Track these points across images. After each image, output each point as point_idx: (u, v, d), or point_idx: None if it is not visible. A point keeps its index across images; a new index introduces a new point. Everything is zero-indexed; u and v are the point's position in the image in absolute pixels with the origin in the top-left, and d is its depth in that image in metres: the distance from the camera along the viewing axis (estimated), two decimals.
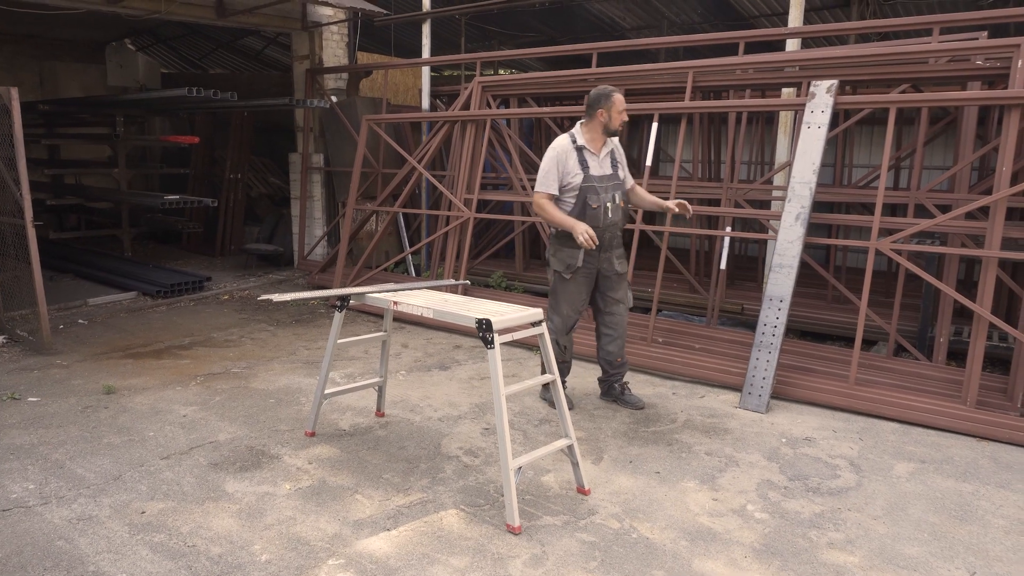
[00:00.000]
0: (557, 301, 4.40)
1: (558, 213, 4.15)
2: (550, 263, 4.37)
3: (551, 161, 4.18)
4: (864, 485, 3.58)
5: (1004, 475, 3.73)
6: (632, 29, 11.00)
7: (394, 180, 7.76)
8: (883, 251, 4.80)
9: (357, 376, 5.09)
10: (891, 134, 4.87)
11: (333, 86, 9.39)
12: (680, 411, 4.56)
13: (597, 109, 4.17)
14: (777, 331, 4.74)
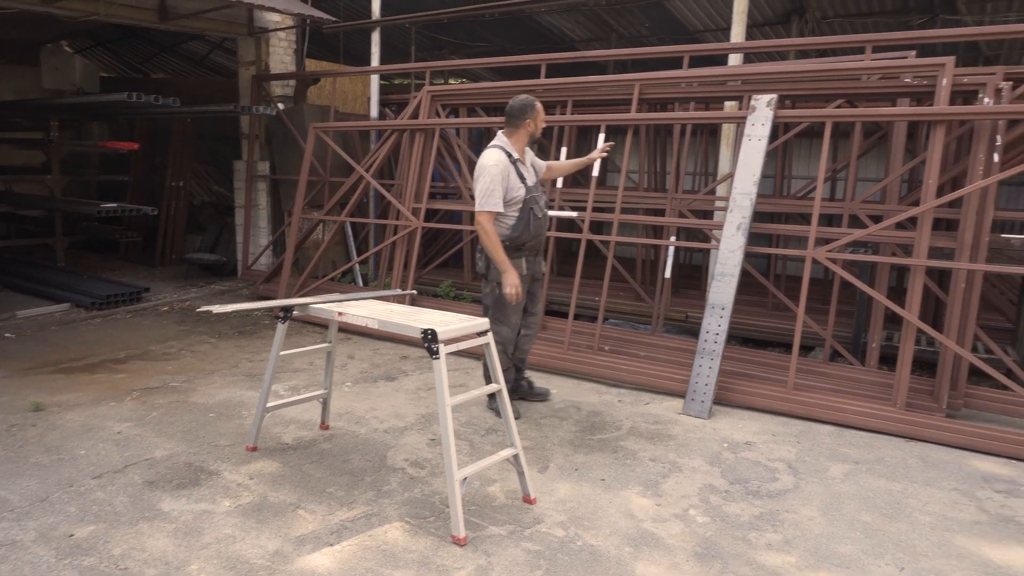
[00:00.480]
0: (504, 312, 4.39)
1: (500, 247, 4.17)
2: (489, 276, 4.33)
3: (495, 178, 4.13)
4: (801, 487, 3.68)
5: (930, 473, 3.88)
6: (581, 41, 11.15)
7: (342, 189, 7.67)
8: (819, 260, 4.96)
9: (301, 388, 5.02)
10: (827, 147, 5.04)
11: (280, 93, 9.26)
12: (625, 418, 4.61)
13: (525, 119, 4.22)
14: (719, 338, 4.84)
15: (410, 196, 6.99)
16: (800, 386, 4.93)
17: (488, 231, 4.16)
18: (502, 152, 4.22)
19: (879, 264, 5.39)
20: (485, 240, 4.17)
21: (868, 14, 8.90)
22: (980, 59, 9.58)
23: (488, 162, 4.17)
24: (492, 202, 4.14)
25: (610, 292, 7.19)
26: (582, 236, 5.96)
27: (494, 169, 4.14)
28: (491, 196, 4.13)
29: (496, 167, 4.15)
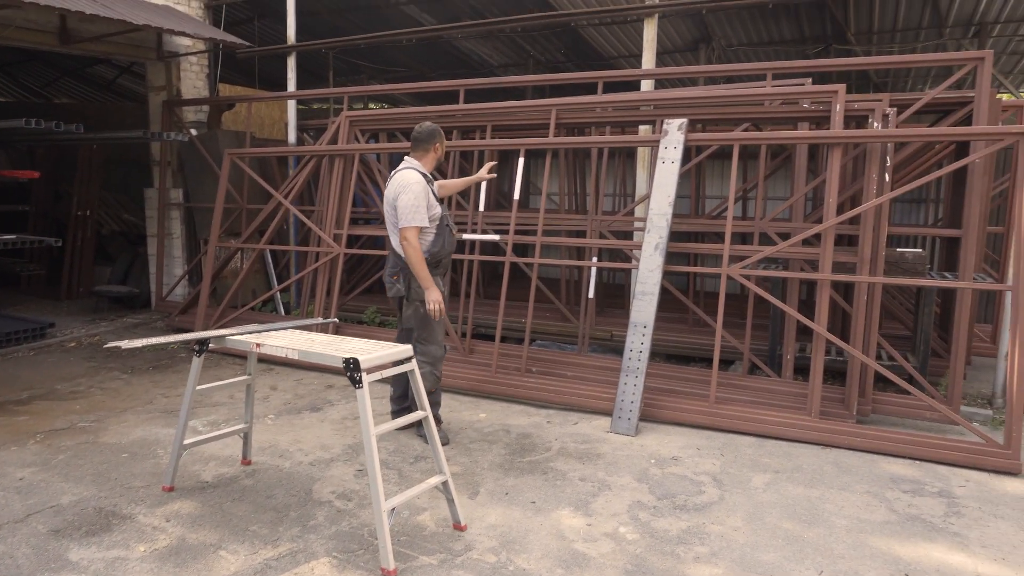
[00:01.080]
0: (431, 331, 4.41)
1: (425, 264, 4.23)
2: (416, 295, 4.34)
3: (419, 195, 4.20)
4: (726, 499, 3.77)
5: (845, 478, 4.05)
6: (500, 66, 11.30)
7: (260, 216, 7.47)
8: (734, 276, 5.13)
9: (221, 423, 4.84)
10: (735, 168, 5.25)
11: (193, 119, 8.98)
12: (554, 439, 4.62)
13: (434, 143, 4.39)
14: (643, 356, 4.93)
15: (331, 222, 6.87)
16: (722, 400, 5.07)
17: (417, 247, 4.18)
18: (417, 172, 4.31)
19: (789, 279, 5.63)
20: (413, 256, 4.18)
21: (768, 43, 9.38)
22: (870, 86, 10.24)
23: (410, 179, 4.24)
24: (419, 217, 4.18)
25: (536, 313, 7.24)
26: (506, 259, 5.98)
27: (417, 186, 4.21)
28: (417, 211, 4.18)
29: (419, 184, 4.23)
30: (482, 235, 6.40)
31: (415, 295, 4.34)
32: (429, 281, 4.22)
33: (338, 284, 6.78)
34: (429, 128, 4.38)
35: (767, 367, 5.71)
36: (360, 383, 3.07)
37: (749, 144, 7.05)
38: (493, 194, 9.44)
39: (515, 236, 6.04)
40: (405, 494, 3.17)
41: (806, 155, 5.94)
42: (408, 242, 4.18)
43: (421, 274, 4.21)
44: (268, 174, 9.16)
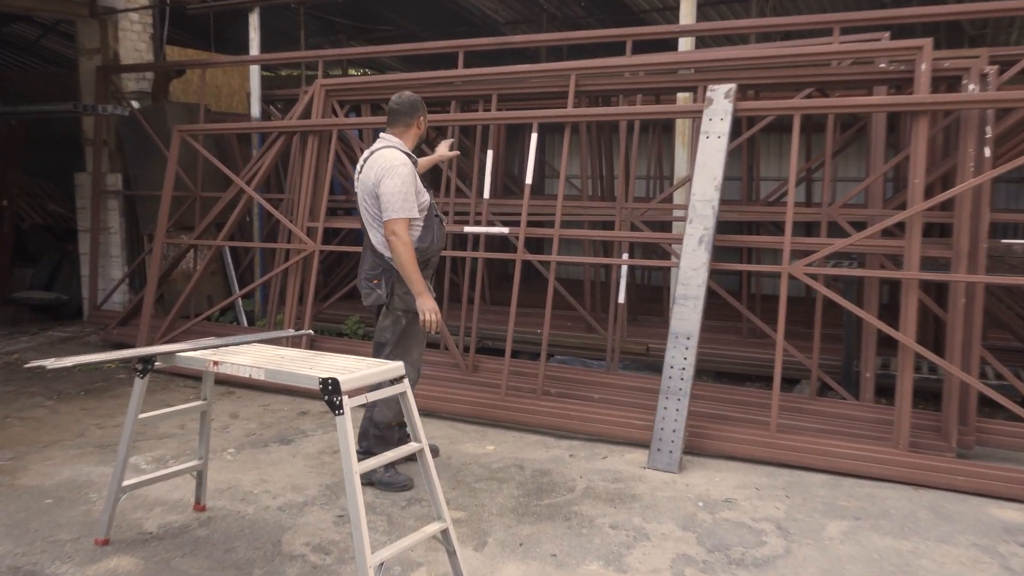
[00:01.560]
0: (408, 347, 4.38)
1: (417, 265, 4.20)
2: (398, 303, 4.31)
3: (407, 179, 4.17)
4: (794, 551, 3.69)
5: (944, 527, 3.96)
6: (507, 24, 11.28)
7: (217, 206, 7.45)
8: (796, 276, 5.05)
9: (169, 459, 4.80)
10: (797, 143, 5.19)
11: (134, 88, 8.99)
12: (579, 477, 4.56)
13: (416, 117, 4.39)
14: (686, 374, 4.87)
15: (303, 213, 6.85)
16: (785, 428, 4.99)
17: (409, 243, 4.16)
18: (401, 153, 4.28)
19: (866, 279, 5.55)
20: (404, 255, 4.14)
21: None
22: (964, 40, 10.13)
23: (395, 160, 4.20)
24: (409, 207, 4.17)
25: (555, 322, 7.18)
26: (516, 256, 5.92)
27: (404, 169, 4.18)
28: (407, 200, 4.16)
29: (406, 167, 4.20)
30: (488, 227, 6.35)
31: (399, 303, 4.31)
32: (422, 286, 4.21)
33: (313, 288, 6.75)
34: (410, 98, 4.37)
35: (841, 387, 5.63)
36: (341, 409, 3.02)
37: (813, 114, 6.99)
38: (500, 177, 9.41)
39: (528, 228, 6.00)
40: (396, 545, 3.12)
41: (884, 126, 5.86)
42: (398, 237, 4.14)
43: (413, 277, 4.18)
44: (227, 155, 9.15)
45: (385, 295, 4.34)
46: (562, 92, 6.40)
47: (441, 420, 5.59)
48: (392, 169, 4.16)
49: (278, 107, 9.49)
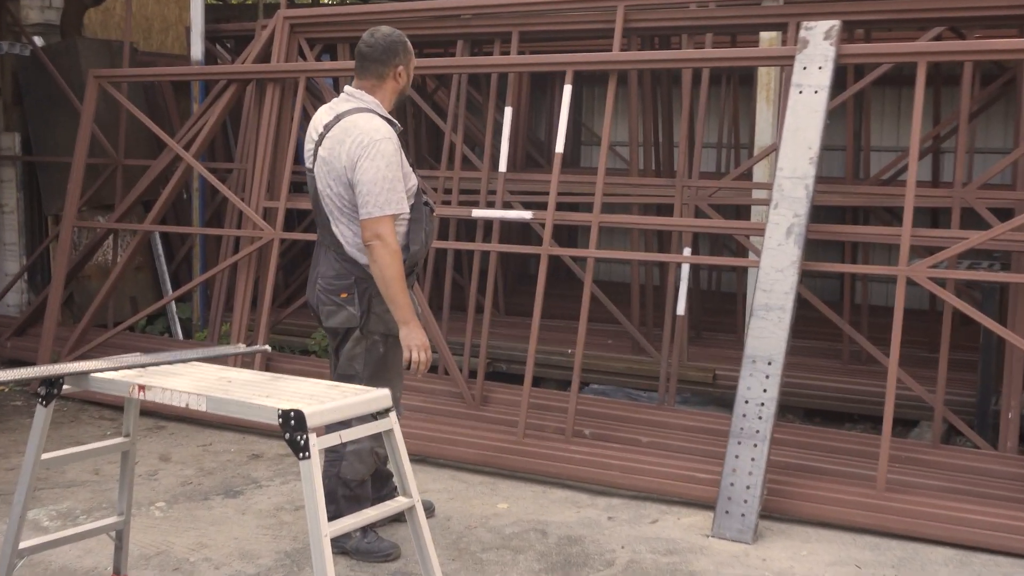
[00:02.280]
0: (386, 376, 4.31)
1: (405, 283, 4.18)
2: (375, 324, 4.29)
3: (392, 160, 4.12)
4: None
5: None
6: None
7: (145, 178, 7.54)
8: (918, 281, 5.06)
9: (80, 515, 4.86)
10: (921, 101, 5.20)
11: (38, 20, 9.08)
12: (620, 546, 4.59)
13: (393, 64, 4.26)
14: (766, 411, 4.89)
15: (259, 189, 6.92)
16: (898, 485, 5.00)
17: (397, 252, 4.12)
18: (380, 119, 4.21)
19: (1013, 286, 5.55)
20: (390, 268, 4.11)
21: None
22: None
23: (376, 134, 4.13)
24: (398, 200, 4.13)
25: (591, 340, 7.20)
26: (542, 250, 5.97)
27: (388, 145, 4.13)
28: (394, 190, 4.11)
29: (390, 142, 4.15)
30: (504, 211, 6.39)
31: (377, 324, 4.29)
32: (410, 310, 4.18)
33: (270, 290, 6.81)
34: (385, 37, 4.26)
35: (975, 432, 5.62)
36: (306, 451, 3.06)
37: (943, 62, 6.98)
38: (522, 144, 9.47)
39: (557, 213, 6.03)
40: None
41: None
42: (383, 243, 4.09)
43: (399, 300, 4.15)
44: (159, 110, 9.22)
45: (359, 314, 4.28)
46: (606, 30, 6.43)
47: (438, 468, 5.63)
48: (373, 147, 4.09)
49: (227, 46, 9.56)
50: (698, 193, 6.77)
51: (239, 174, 7.87)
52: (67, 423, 6.36)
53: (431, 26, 6.97)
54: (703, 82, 6.84)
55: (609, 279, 10.46)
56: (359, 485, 4.42)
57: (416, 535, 3.41)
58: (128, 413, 3.97)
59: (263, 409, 3.18)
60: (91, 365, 3.69)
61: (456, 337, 6.88)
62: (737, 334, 7.63)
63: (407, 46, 4.29)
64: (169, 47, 11.02)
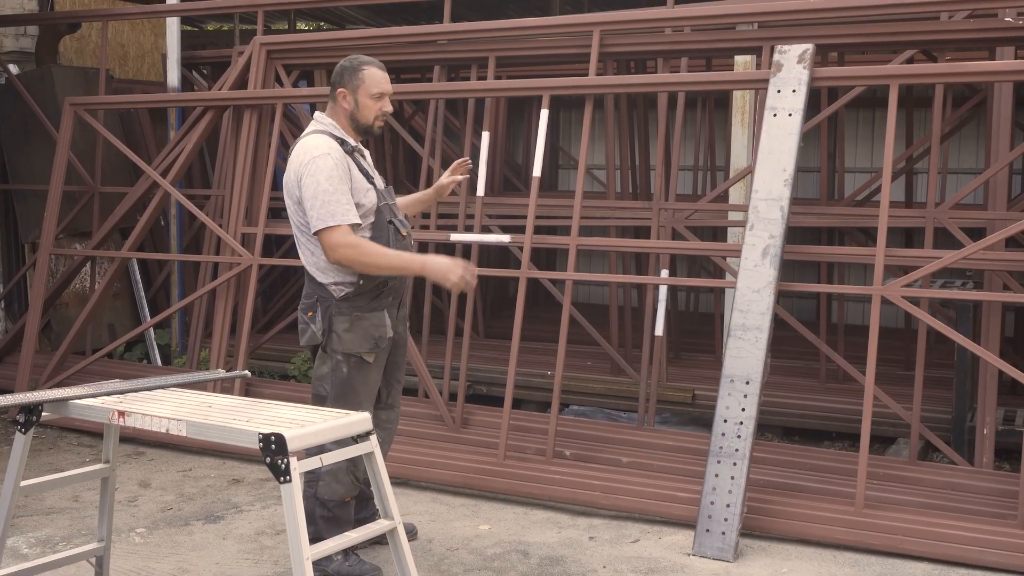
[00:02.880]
0: (354, 400, 4.32)
1: (391, 251, 4.26)
2: (336, 343, 4.30)
3: (330, 172, 4.16)
4: None
5: None
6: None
7: (122, 205, 7.53)
8: (892, 300, 5.12)
9: (60, 542, 4.84)
10: (894, 123, 5.26)
11: (13, 47, 9.09)
12: (601, 566, 4.60)
13: (336, 88, 4.34)
14: (744, 430, 4.92)
15: (237, 216, 6.92)
16: (876, 502, 5.03)
17: (359, 244, 4.18)
18: (329, 138, 4.29)
19: (986, 304, 5.62)
20: (366, 258, 4.18)
21: None
22: None
23: (315, 151, 4.20)
24: (340, 211, 4.16)
25: (571, 361, 7.22)
26: (520, 273, 5.99)
27: (325, 161, 4.17)
28: (338, 202, 4.15)
29: (328, 157, 4.19)
30: (482, 235, 6.42)
31: (337, 344, 4.30)
32: (413, 260, 4.28)
33: (249, 316, 6.81)
34: (342, 63, 4.37)
35: (951, 448, 5.67)
36: (287, 475, 3.08)
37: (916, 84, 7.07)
38: (498, 169, 9.51)
39: (536, 236, 6.06)
40: None
41: (1011, 100, 5.95)
42: (347, 247, 4.16)
43: (395, 264, 4.27)
44: (136, 137, 9.22)
45: (320, 332, 4.33)
46: (582, 55, 6.47)
47: (420, 491, 5.63)
48: (311, 163, 4.17)
49: (204, 73, 9.57)
50: (675, 215, 6.82)
51: (217, 200, 7.87)
52: (46, 450, 6.35)
53: (408, 51, 7.01)
54: (679, 105, 6.89)
55: (588, 301, 10.53)
56: (338, 506, 4.40)
57: (398, 557, 3.42)
58: (108, 439, 3.97)
59: (243, 433, 3.19)
60: (70, 392, 3.69)
61: (436, 360, 6.89)
62: (716, 354, 7.69)
63: (356, 71, 4.31)
64: (145, 74, 11.01)
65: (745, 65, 6.72)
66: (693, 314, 9.42)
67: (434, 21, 7.86)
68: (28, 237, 8.79)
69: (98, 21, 9.22)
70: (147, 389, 3.81)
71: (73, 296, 8.53)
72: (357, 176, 4.29)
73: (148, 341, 8.48)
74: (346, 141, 4.33)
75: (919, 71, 5.70)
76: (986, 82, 6.26)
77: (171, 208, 8.30)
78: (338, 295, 4.29)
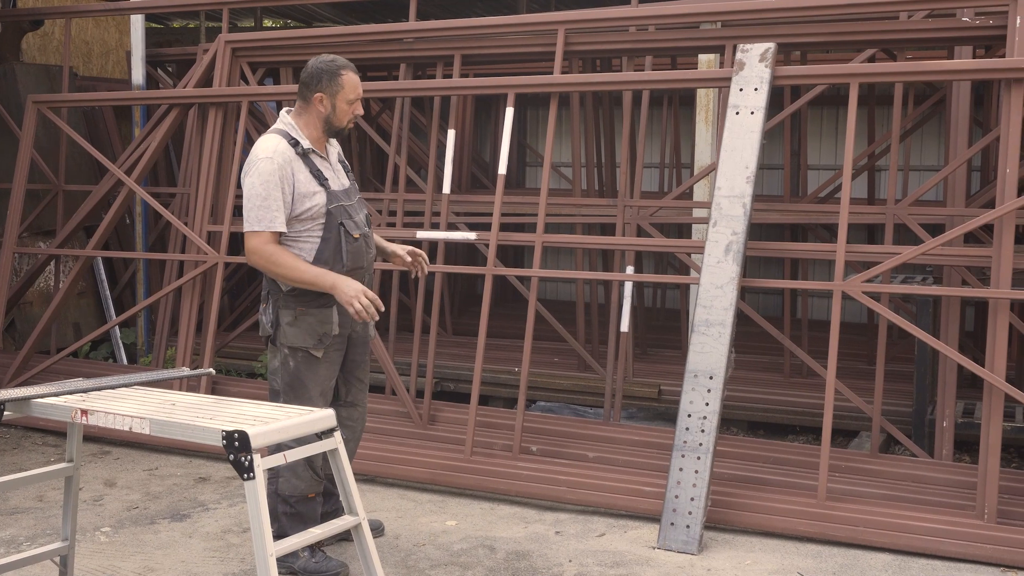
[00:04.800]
0: (304, 395, 4.36)
1: (303, 265, 4.24)
2: (283, 337, 4.35)
3: (268, 179, 4.19)
4: None
5: None
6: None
7: (87, 203, 7.48)
8: (854, 296, 5.17)
9: (24, 542, 4.81)
10: (854, 121, 5.32)
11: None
12: (567, 560, 4.62)
13: (314, 92, 4.34)
14: (708, 424, 4.95)
15: (203, 214, 6.89)
16: (838, 494, 5.09)
17: (271, 254, 4.20)
18: (280, 139, 4.32)
19: (945, 299, 5.68)
20: (276, 268, 4.22)
21: None
22: None
23: (260, 153, 4.26)
24: (267, 217, 4.21)
25: (537, 358, 7.25)
26: (486, 270, 6.00)
27: (267, 165, 4.21)
28: (264, 208, 4.21)
29: (271, 161, 4.22)
30: (449, 232, 6.42)
31: (283, 337, 4.35)
32: (326, 276, 4.22)
33: (215, 314, 6.78)
34: (314, 64, 4.37)
35: (911, 441, 5.74)
36: (251, 472, 3.07)
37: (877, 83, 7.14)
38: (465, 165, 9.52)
39: (502, 234, 6.07)
40: None
41: (969, 99, 6.02)
42: (256, 255, 4.23)
43: (305, 277, 4.22)
44: (100, 135, 9.16)
45: (269, 325, 4.40)
46: (547, 53, 6.49)
47: (386, 487, 5.63)
48: (253, 165, 4.24)
49: (169, 71, 9.52)
50: (640, 212, 6.84)
51: (182, 198, 7.83)
52: (10, 450, 6.30)
53: (374, 49, 7.00)
54: (643, 104, 6.93)
55: (555, 298, 10.55)
56: (300, 502, 4.40)
57: (363, 554, 3.42)
58: (71, 438, 3.94)
59: (207, 431, 3.19)
60: (33, 391, 3.66)
61: (403, 357, 6.89)
62: (682, 350, 7.72)
63: (335, 76, 4.33)
64: (110, 72, 10.93)
65: (709, 64, 6.76)
66: (660, 310, 9.46)
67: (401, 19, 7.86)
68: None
69: (61, 18, 9.15)
70: (111, 387, 3.79)
71: (37, 295, 8.47)
72: (302, 179, 4.28)
73: (114, 340, 8.44)
74: (299, 143, 4.33)
75: (879, 70, 5.77)
76: (945, 81, 6.33)
77: (136, 206, 8.27)
78: (285, 289, 4.32)
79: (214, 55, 7.22)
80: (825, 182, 7.85)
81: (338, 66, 4.34)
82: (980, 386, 6.46)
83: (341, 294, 4.15)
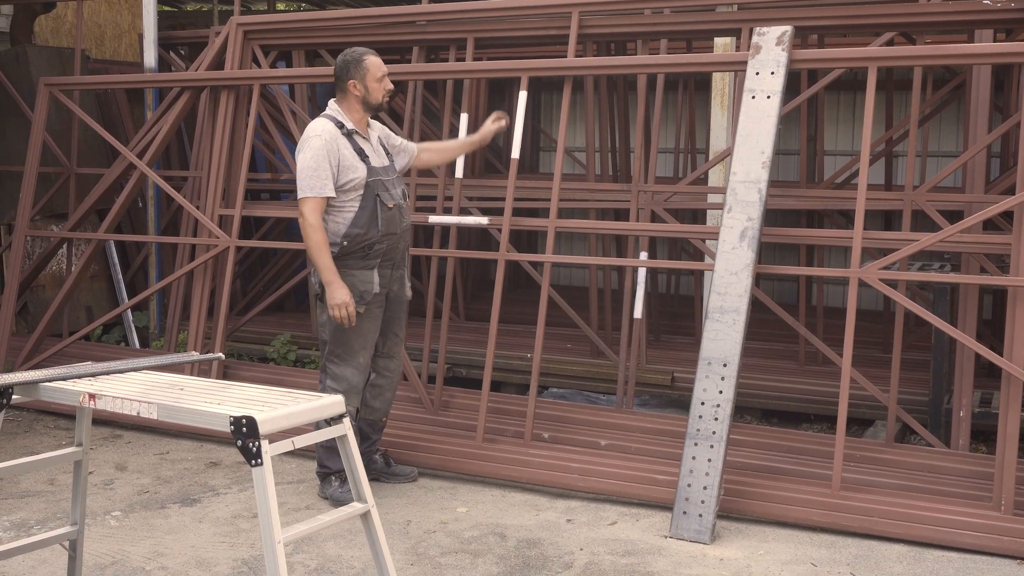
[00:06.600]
0: (346, 347, 5.05)
1: (327, 249, 4.91)
2: (322, 294, 4.96)
3: (318, 152, 4.88)
4: None
5: None
6: None
7: (99, 186, 7.48)
8: (870, 283, 5.12)
9: (34, 525, 4.83)
10: (872, 106, 5.26)
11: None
12: (579, 548, 4.62)
13: (347, 81, 5.03)
14: (722, 412, 4.93)
15: (215, 197, 6.89)
16: (853, 484, 5.06)
17: (314, 226, 4.88)
18: (329, 121, 5.02)
19: (963, 287, 5.63)
20: (308, 239, 4.90)
21: None
22: None
23: (311, 132, 4.98)
24: (315, 184, 4.89)
25: (550, 344, 7.24)
26: (499, 255, 5.98)
27: (317, 141, 4.91)
28: (315, 177, 4.89)
29: (319, 138, 4.92)
30: (461, 217, 6.40)
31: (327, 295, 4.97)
32: (331, 273, 4.88)
33: (227, 298, 6.79)
34: (342, 58, 5.05)
35: (927, 431, 5.70)
36: (259, 457, 3.05)
37: (895, 67, 7.08)
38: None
39: (514, 219, 6.05)
40: None
41: (990, 84, 5.95)
42: (304, 219, 4.90)
43: (318, 263, 4.91)
44: (112, 118, 9.16)
45: (317, 284, 5.03)
46: (561, 36, 6.46)
47: None
48: (305, 142, 4.95)
49: (181, 53, 9.51)
50: (654, 198, 6.80)
51: (194, 182, 7.83)
52: (22, 433, 6.34)
53: (386, 32, 6.97)
54: (658, 88, 6.88)
55: (568, 284, 10.51)
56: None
57: (372, 540, 3.41)
58: (80, 422, 3.93)
59: (214, 416, 3.17)
60: (40, 374, 3.65)
61: (416, 343, 6.87)
62: (695, 337, 7.67)
63: (359, 63, 5.01)
64: (122, 54, 10.94)
65: (725, 47, 6.72)
66: (674, 296, 9.43)
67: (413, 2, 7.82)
68: (3, 219, 8.75)
69: (74, 0, 9.14)
70: (120, 371, 3.78)
71: (50, 278, 8.51)
72: (347, 155, 4.95)
73: (126, 323, 8.46)
74: (344, 124, 5.00)
75: (898, 54, 5.71)
76: (964, 65, 6.25)
77: (148, 189, 8.28)
78: (333, 252, 4.94)
79: (226, 38, 7.22)
80: (842, 168, 7.78)
81: (360, 53, 5.04)
82: (998, 375, 6.41)
83: (330, 296, 4.87)
